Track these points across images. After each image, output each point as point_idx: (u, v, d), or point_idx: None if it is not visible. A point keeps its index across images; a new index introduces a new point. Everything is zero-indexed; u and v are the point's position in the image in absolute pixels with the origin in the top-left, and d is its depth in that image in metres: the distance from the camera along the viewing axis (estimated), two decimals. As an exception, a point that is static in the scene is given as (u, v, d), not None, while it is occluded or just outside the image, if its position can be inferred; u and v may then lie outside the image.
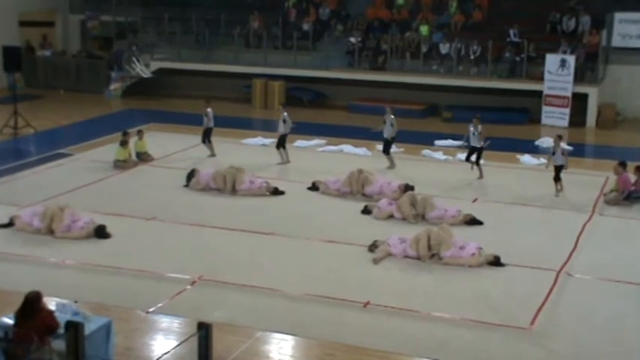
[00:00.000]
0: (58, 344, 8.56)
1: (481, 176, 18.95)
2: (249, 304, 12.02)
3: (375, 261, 13.69)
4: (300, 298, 12.23)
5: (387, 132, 19.68)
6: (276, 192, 17.47)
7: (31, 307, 8.99)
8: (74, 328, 8.06)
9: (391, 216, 15.99)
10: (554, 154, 17.99)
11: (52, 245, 14.23)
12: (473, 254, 13.61)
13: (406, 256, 13.80)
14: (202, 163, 19.32)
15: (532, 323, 11.51)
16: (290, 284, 12.65)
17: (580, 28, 27.22)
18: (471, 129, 19.02)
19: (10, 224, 14.96)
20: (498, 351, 10.76)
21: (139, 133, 20.34)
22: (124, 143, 19.49)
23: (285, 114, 20.14)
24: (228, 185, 17.44)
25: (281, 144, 20.04)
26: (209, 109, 20.44)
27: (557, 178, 17.86)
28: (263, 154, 20.69)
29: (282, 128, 20.11)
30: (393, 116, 19.86)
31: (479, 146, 18.94)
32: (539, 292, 12.55)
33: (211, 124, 20.47)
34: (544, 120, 26.00)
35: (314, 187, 17.84)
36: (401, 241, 14.01)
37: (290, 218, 15.97)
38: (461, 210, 15.88)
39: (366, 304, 12.02)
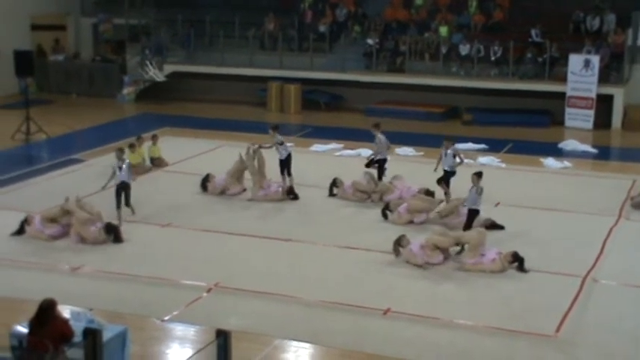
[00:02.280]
0: (73, 353, 8.60)
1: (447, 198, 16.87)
2: (266, 311, 12.05)
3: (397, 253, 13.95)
4: (318, 305, 12.25)
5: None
6: (291, 191, 17.50)
7: (46, 315, 9.04)
8: (92, 335, 8.09)
9: (411, 222, 15.99)
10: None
11: (66, 252, 14.32)
12: (493, 259, 13.58)
13: (427, 263, 13.79)
14: (217, 168, 19.32)
15: (557, 331, 11.48)
16: (307, 291, 12.67)
17: (605, 27, 27.08)
18: (443, 151, 17.00)
19: (21, 230, 15.06)
20: (522, 359, 10.72)
21: (153, 137, 20.44)
22: (132, 147, 19.57)
23: (279, 136, 18.41)
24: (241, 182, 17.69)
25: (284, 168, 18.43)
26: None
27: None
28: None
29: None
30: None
31: (449, 170, 16.93)
32: (564, 298, 12.51)
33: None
34: (567, 122, 25.89)
35: (334, 185, 17.81)
36: (422, 247, 14.00)
37: (307, 224, 16.00)
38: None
39: (386, 311, 12.02)
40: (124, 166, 15.79)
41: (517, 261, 13.61)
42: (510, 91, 26.75)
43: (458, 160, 16.93)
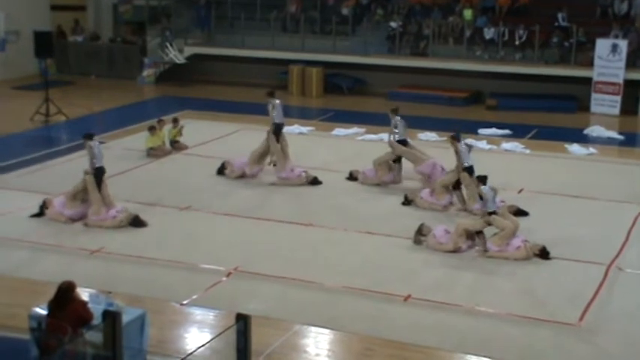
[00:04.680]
0: (92, 336, 8.66)
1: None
2: (285, 296, 12.07)
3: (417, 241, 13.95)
4: (338, 290, 12.26)
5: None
6: (315, 182, 17.48)
7: (64, 297, 9.10)
8: (112, 317, 8.14)
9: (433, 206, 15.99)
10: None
11: (85, 235, 14.40)
12: (518, 247, 13.52)
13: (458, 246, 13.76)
14: (237, 151, 19.34)
15: (580, 319, 11.43)
16: (328, 276, 12.68)
17: (633, 12, 26.83)
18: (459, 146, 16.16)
19: (41, 213, 15.17)
20: (545, 347, 10.69)
21: (175, 121, 20.47)
22: (152, 129, 19.65)
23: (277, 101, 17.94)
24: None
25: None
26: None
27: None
28: (301, 143, 20.67)
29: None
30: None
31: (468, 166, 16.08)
32: (588, 286, 12.45)
33: None
34: (593, 108, 25.71)
35: (351, 177, 17.82)
36: (446, 232, 13.97)
37: (328, 209, 16.00)
38: (504, 201, 15.75)
39: (407, 297, 12.01)
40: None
41: (544, 256, 13.51)
42: (535, 75, 26.57)
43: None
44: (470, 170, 15.86)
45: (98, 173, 15.02)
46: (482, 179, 14.41)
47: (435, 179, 16.59)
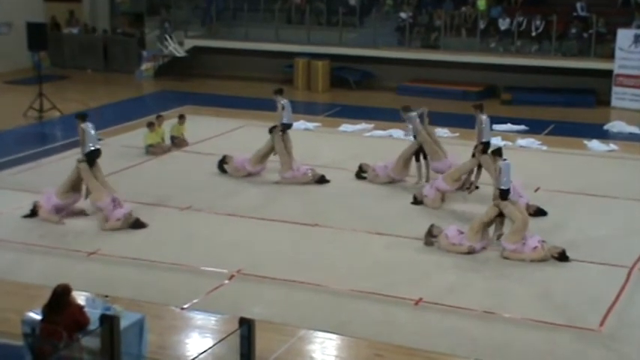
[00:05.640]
0: (89, 341, 8.67)
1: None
2: (291, 300, 12.08)
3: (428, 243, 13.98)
4: (345, 294, 12.26)
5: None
6: (321, 180, 17.47)
7: (60, 301, 9.11)
8: (110, 321, 8.14)
9: (442, 200, 16.16)
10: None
11: (81, 236, 14.43)
12: (535, 248, 13.50)
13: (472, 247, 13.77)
14: (239, 148, 19.36)
15: (601, 324, 11.40)
16: (335, 279, 12.67)
17: (656, 0, 26.81)
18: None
19: (33, 214, 15.19)
20: (564, 354, 10.68)
21: (181, 117, 20.44)
22: (151, 125, 19.68)
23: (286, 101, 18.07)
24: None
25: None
26: None
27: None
28: (306, 139, 20.67)
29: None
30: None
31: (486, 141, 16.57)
32: (609, 290, 12.42)
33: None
34: (614, 102, 25.67)
35: (360, 171, 17.80)
36: (459, 232, 13.96)
37: (335, 208, 16.00)
38: (522, 196, 15.66)
39: (418, 301, 12.00)
40: None
41: (563, 259, 13.46)
42: (552, 68, 26.53)
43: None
44: (487, 145, 16.06)
45: (92, 156, 15.04)
46: (498, 152, 14.52)
47: None
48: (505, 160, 14.24)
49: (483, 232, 13.95)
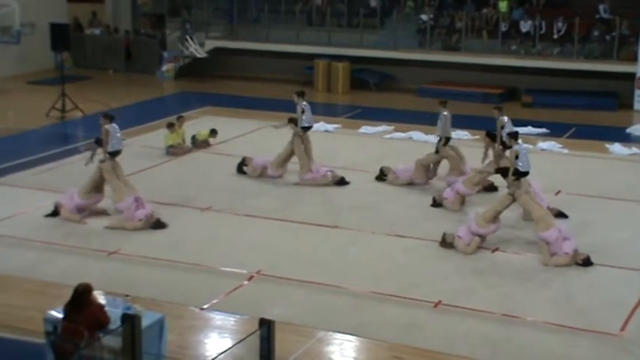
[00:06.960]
0: (109, 340, 8.72)
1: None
2: (310, 301, 12.10)
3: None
4: (365, 296, 12.27)
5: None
6: (341, 182, 17.49)
7: (81, 300, 9.17)
8: (131, 320, 8.19)
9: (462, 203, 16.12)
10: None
11: (102, 236, 14.51)
12: (566, 253, 13.40)
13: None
14: (260, 149, 19.40)
15: (622, 329, 11.35)
16: (354, 281, 12.69)
17: (681, 3, 26.63)
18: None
19: (55, 213, 15.30)
20: (584, 358, 10.64)
21: (213, 132, 20.54)
22: (171, 126, 19.77)
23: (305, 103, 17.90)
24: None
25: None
26: None
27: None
28: (326, 141, 20.69)
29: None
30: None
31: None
32: (630, 294, 12.36)
33: None
34: (637, 105, 25.57)
35: (381, 175, 17.80)
36: (470, 231, 13.97)
37: (355, 210, 16.00)
38: (543, 199, 15.61)
39: (437, 303, 12.00)
40: None
41: (587, 265, 13.39)
42: (574, 71, 26.40)
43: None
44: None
45: (113, 155, 15.15)
46: (514, 135, 14.53)
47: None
48: (520, 143, 14.24)
49: (494, 220, 13.95)
